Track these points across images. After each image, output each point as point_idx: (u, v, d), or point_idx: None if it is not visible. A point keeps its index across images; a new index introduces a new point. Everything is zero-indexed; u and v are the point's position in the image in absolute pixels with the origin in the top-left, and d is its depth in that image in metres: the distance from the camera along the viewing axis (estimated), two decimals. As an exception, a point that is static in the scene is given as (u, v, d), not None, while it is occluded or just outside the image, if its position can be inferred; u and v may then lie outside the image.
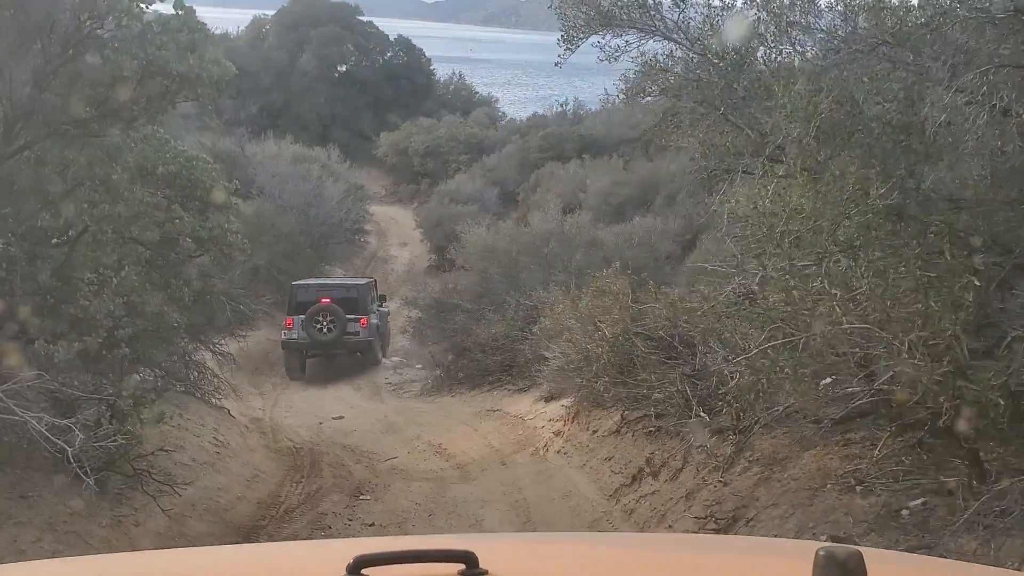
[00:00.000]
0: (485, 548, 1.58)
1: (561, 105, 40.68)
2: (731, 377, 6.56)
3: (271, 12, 52.46)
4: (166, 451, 8.84)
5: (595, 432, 9.32)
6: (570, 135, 36.86)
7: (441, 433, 13.48)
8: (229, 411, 13.83)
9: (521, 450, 10.95)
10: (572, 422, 10.25)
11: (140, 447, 7.64)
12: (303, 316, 18.78)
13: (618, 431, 8.69)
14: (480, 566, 1.55)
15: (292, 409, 17.96)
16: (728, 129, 8.25)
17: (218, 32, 52.70)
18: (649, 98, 10.33)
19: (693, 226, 19.82)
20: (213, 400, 13.49)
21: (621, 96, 10.76)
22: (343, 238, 27.75)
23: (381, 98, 50.29)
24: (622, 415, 8.80)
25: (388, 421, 15.50)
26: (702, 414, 7.06)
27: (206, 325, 13.25)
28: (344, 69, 51.94)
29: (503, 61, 79.76)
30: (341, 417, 16.73)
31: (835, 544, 1.54)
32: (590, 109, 42.08)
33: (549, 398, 12.25)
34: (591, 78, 56.36)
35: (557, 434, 10.50)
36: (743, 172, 8.11)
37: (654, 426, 7.93)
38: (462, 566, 1.54)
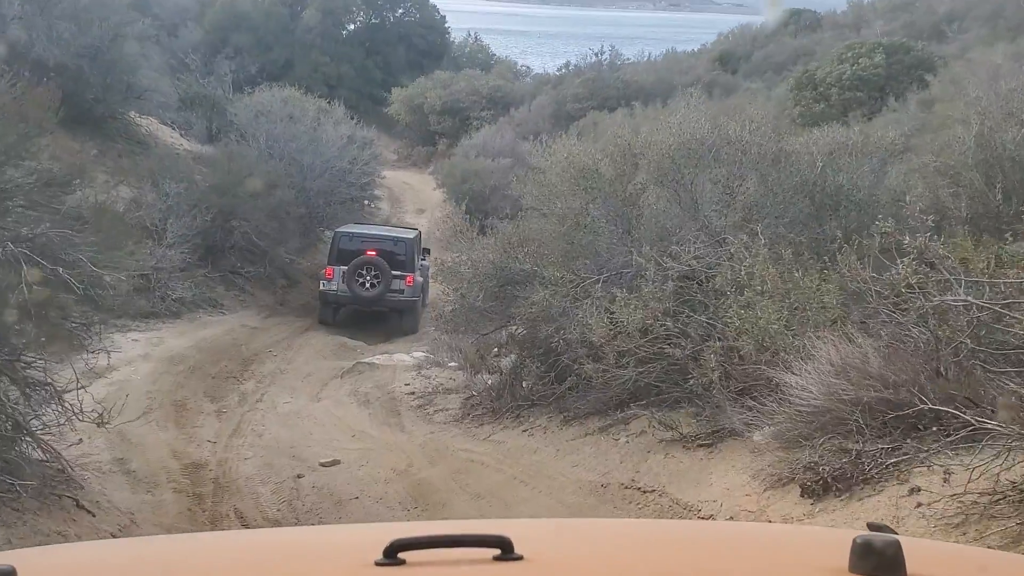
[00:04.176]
0: (520, 533, 1.45)
1: (596, 54, 32.81)
2: None
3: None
4: None
5: None
6: (612, 81, 29.15)
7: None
8: (78, 500, 6.20)
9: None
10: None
11: None
12: (345, 267, 15.70)
13: None
14: (515, 551, 1.40)
15: (261, 440, 10.40)
16: None
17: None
18: None
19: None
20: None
21: None
22: (347, 195, 20.10)
23: (392, 58, 42.48)
24: None
25: (416, 478, 7.95)
26: None
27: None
28: (352, 28, 44.17)
29: (521, 32, 71.89)
30: (335, 462, 9.20)
31: (873, 532, 1.39)
32: (628, 59, 34.31)
33: (816, 489, 4.62)
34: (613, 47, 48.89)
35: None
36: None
37: None
38: (497, 551, 1.40)
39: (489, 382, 10.82)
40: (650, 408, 6.99)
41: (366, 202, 23.81)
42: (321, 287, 16.26)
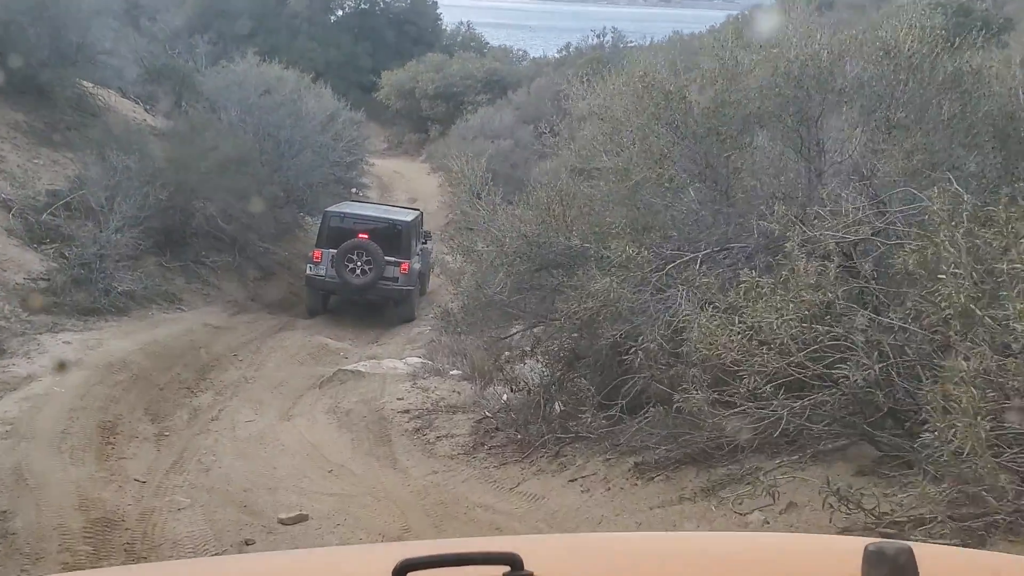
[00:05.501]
0: (530, 549, 1.36)
1: (597, 36, 30.06)
2: None
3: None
4: None
5: None
6: (617, 61, 26.41)
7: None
8: None
9: None
10: None
11: None
12: (334, 251, 13.59)
13: None
14: (525, 568, 1.32)
15: (207, 477, 7.56)
16: None
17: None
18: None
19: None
20: None
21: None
22: (330, 175, 17.22)
23: (381, 45, 39.64)
24: None
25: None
26: None
27: None
28: (340, 13, 41.28)
29: (512, 26, 69.21)
30: (300, 519, 6.39)
31: (885, 540, 1.31)
32: (630, 42, 31.57)
33: None
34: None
35: None
36: None
37: None
38: (507, 568, 1.32)
39: (505, 398, 8.05)
40: (787, 459, 4.20)
41: (353, 190, 21.01)
42: (308, 271, 14.11)
